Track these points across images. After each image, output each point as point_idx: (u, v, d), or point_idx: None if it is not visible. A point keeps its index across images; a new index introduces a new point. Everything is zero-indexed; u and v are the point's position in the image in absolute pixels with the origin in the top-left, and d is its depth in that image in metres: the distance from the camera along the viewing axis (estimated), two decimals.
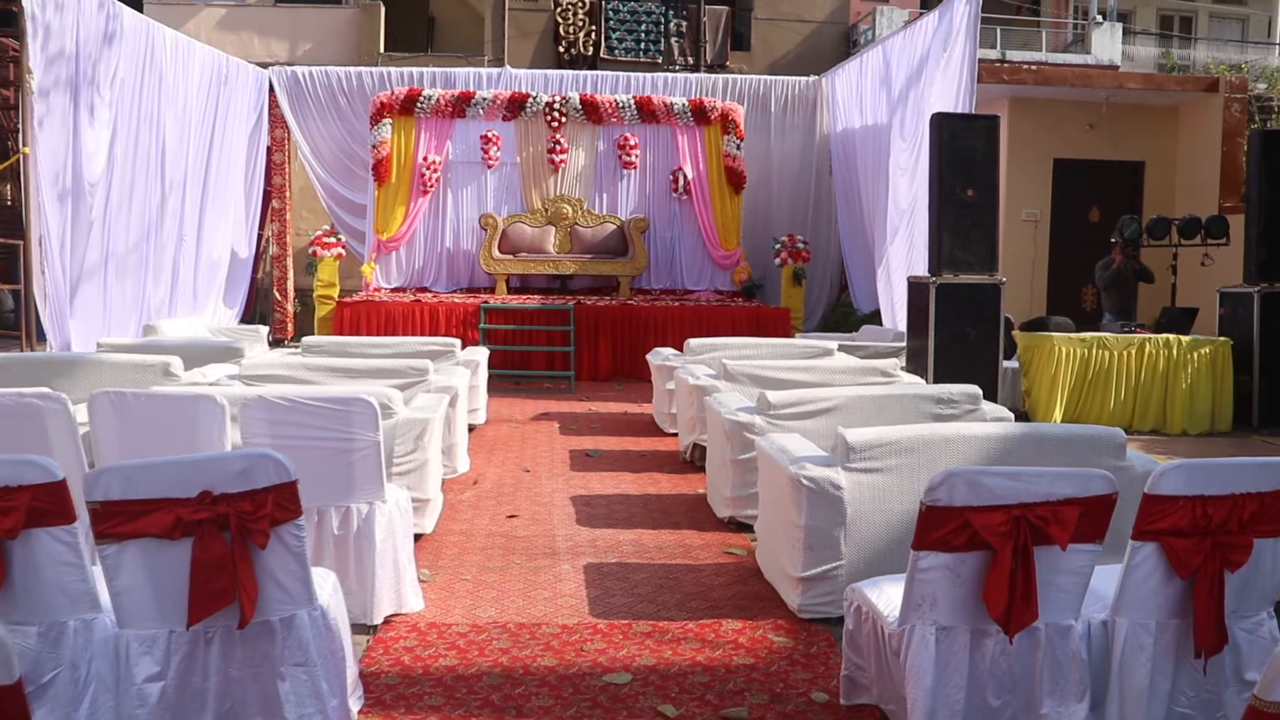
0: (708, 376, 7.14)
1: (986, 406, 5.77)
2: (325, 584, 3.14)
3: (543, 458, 7.61)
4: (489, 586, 4.71)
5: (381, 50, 19.46)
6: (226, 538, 2.73)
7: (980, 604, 2.85)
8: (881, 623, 3.09)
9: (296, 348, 8.35)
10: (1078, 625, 2.98)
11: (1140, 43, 23.49)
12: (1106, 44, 20.87)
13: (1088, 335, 9.39)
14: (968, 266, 9.03)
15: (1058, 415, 9.18)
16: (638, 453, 7.84)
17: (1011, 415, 5.85)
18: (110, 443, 4.01)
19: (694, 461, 7.30)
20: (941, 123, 9.01)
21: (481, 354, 8.82)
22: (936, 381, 8.80)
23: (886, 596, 3.18)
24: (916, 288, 9.34)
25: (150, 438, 4.00)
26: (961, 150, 8.97)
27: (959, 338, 8.99)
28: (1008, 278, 9.19)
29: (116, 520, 2.70)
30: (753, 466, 5.54)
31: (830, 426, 5.51)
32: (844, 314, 14.41)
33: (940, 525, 2.80)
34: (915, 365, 9.21)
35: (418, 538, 5.31)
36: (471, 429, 8.41)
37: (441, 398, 5.91)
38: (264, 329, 10.99)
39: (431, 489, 5.31)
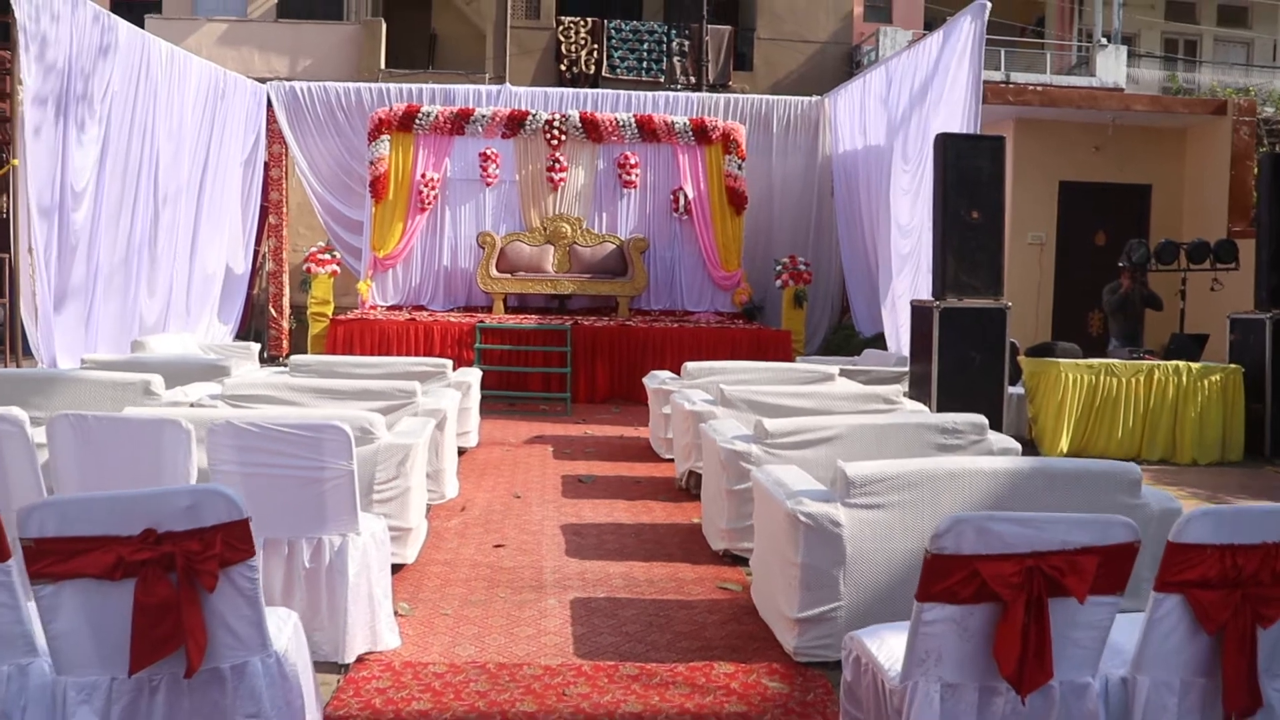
0: (704, 402, 6.93)
1: (993, 437, 5.56)
2: (284, 626, 2.92)
3: (534, 483, 7.39)
4: (470, 622, 4.49)
5: (383, 66, 19.34)
6: (172, 579, 2.51)
7: (990, 660, 2.63)
8: (882, 676, 2.87)
9: (284, 366, 8.14)
10: (1095, 683, 2.75)
11: (1145, 65, 23.35)
12: (1111, 66, 20.73)
13: (1095, 361, 9.18)
14: (972, 290, 8.83)
15: (1064, 443, 8.96)
16: (632, 479, 7.62)
17: (1019, 446, 5.64)
18: (69, 469, 3.80)
19: (690, 489, 7.08)
20: (946, 143, 8.82)
21: (474, 375, 8.61)
22: (940, 407, 8.60)
23: (888, 648, 2.95)
24: (920, 312, 9.13)
25: (112, 464, 3.79)
26: (966, 171, 8.79)
27: (963, 363, 8.78)
28: (1012, 302, 8.99)
29: (52, 559, 2.48)
30: (749, 498, 5.31)
31: (830, 456, 5.30)
32: (845, 337, 14.19)
33: (946, 575, 2.58)
34: (918, 391, 9.00)
35: (399, 568, 5.09)
36: (462, 452, 8.19)
37: (427, 422, 5.70)
38: (256, 346, 10.80)
39: (414, 517, 5.09)
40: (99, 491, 2.65)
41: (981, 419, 5.52)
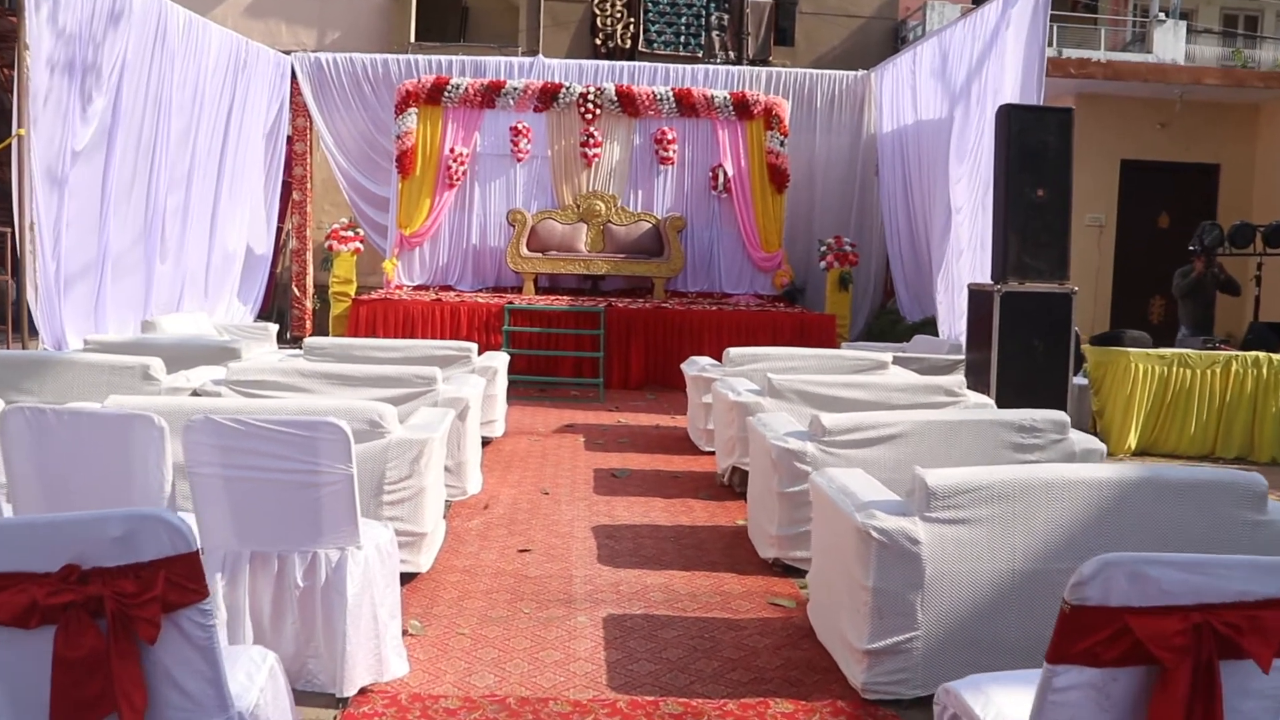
0: (750, 392, 6.36)
1: (1074, 436, 4.97)
2: (256, 674, 2.39)
3: (564, 478, 6.86)
4: (489, 644, 3.96)
5: (413, 39, 18.78)
6: (101, 626, 1.99)
7: None
8: None
9: (298, 349, 7.65)
10: None
11: (1203, 42, 22.41)
12: (1169, 43, 19.85)
13: (1167, 352, 8.53)
14: (1036, 273, 8.17)
15: (1133, 439, 8.34)
16: (670, 474, 7.07)
17: (1103, 447, 5.04)
18: (26, 471, 3.29)
19: (733, 486, 6.51)
20: (1010, 115, 8.16)
21: (501, 360, 8.07)
22: (999, 399, 7.98)
23: (994, 708, 2.39)
24: (978, 296, 8.49)
25: (75, 464, 3.28)
26: (1031, 146, 8.13)
27: (1025, 351, 8.14)
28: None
29: None
30: (803, 501, 4.75)
31: (893, 457, 4.75)
32: (890, 322, 13.55)
33: (1089, 632, 2.02)
34: (975, 380, 8.37)
35: (411, 577, 4.58)
36: (487, 443, 7.68)
37: (446, 413, 5.17)
38: (274, 327, 10.33)
39: (428, 521, 4.56)
40: (11, 516, 2.12)
41: (1062, 416, 4.94)
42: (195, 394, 6.01)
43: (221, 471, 3.26)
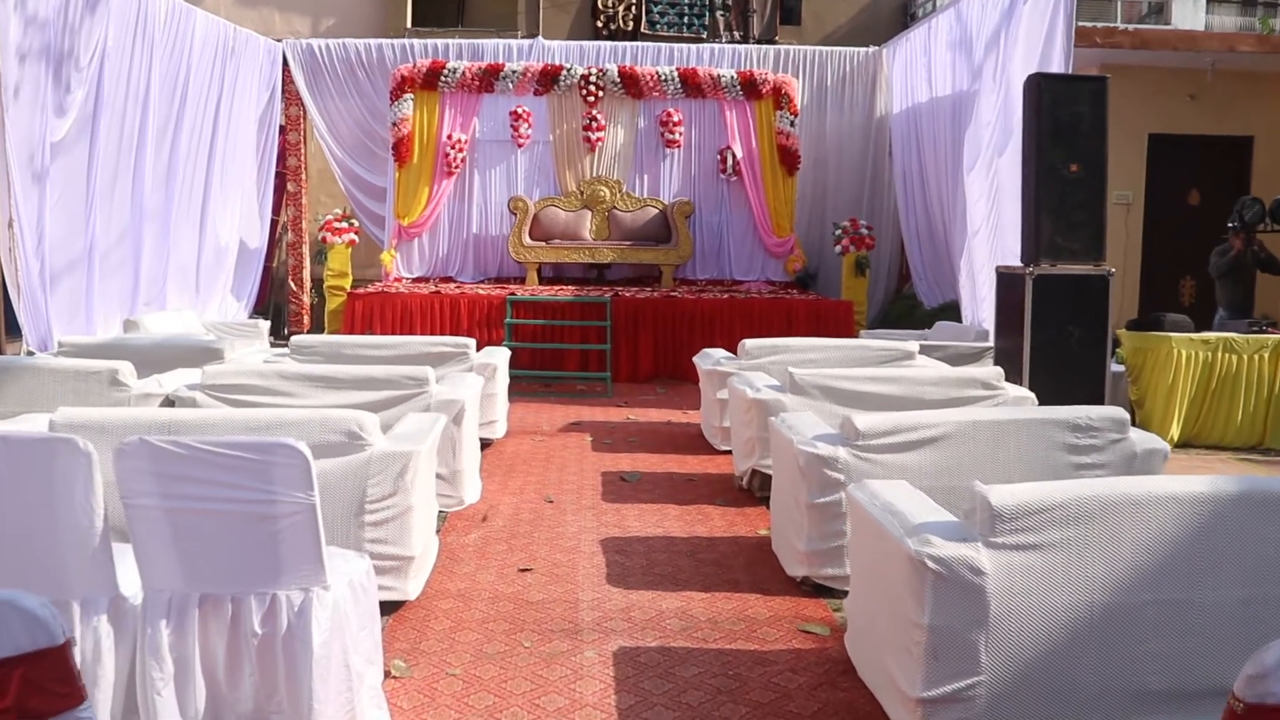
0: (769, 388, 5.86)
1: (1135, 436, 4.47)
2: None
3: (569, 482, 6.37)
4: (483, 687, 3.47)
5: (409, 25, 18.26)
6: None
7: None
8: None
9: (285, 346, 7.17)
10: None
11: (1222, 12, 21.76)
12: (1188, 14, 19.16)
13: (1212, 336, 8.02)
14: (1069, 254, 7.66)
15: (1175, 431, 7.83)
16: (683, 476, 6.57)
17: (1166, 448, 4.54)
18: None
19: (753, 491, 6.02)
20: (1041, 86, 7.63)
21: (501, 355, 7.58)
22: (1034, 389, 7.46)
23: None
24: (1007, 279, 7.97)
25: None
26: (1064, 118, 7.60)
27: (1059, 339, 7.64)
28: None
29: None
30: (836, 513, 4.27)
31: (934, 462, 4.25)
32: (907, 307, 13.02)
33: None
34: (1005, 370, 7.87)
35: (398, 606, 4.09)
36: (487, 445, 7.20)
37: (437, 419, 4.68)
38: (265, 324, 9.88)
39: (416, 543, 4.07)
40: None
41: (1121, 414, 4.44)
42: (168, 401, 5.55)
43: (162, 503, 2.78)
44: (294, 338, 6.97)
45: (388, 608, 4.03)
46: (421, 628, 3.96)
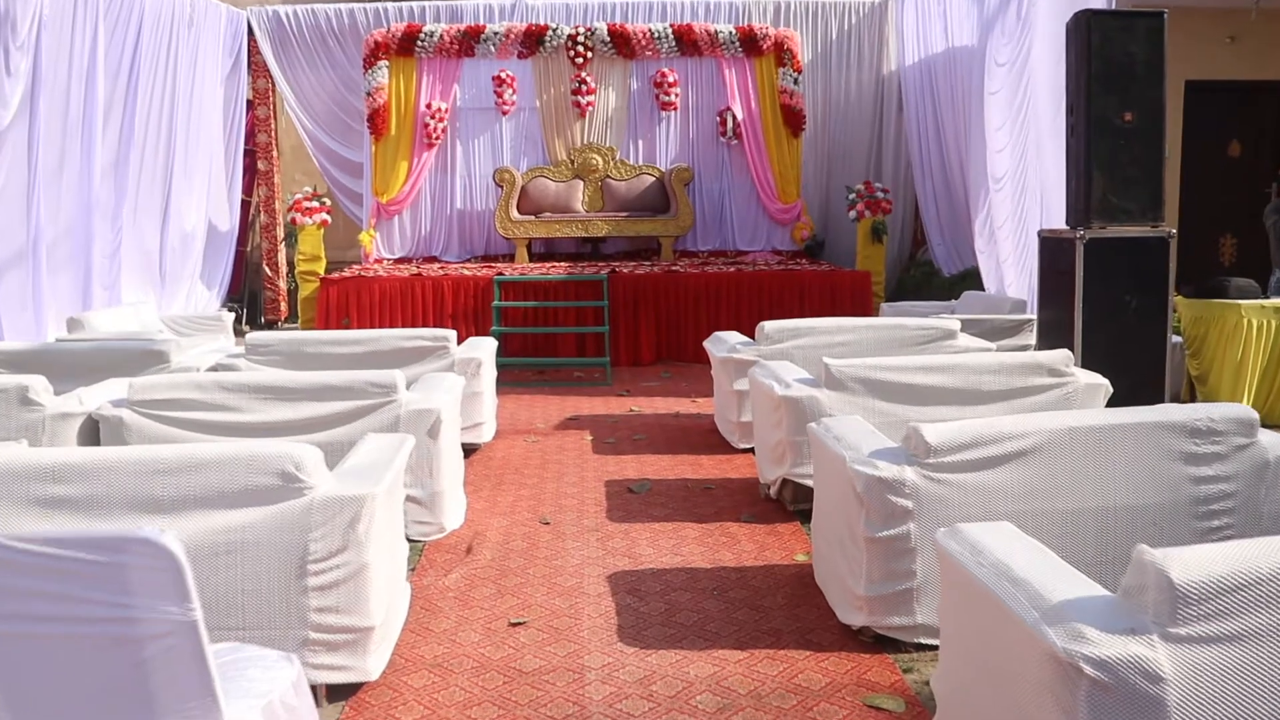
0: (800, 383, 4.99)
1: (1264, 438, 3.62)
2: None
3: (568, 496, 5.51)
4: None
5: None
6: None
7: None
8: None
9: (240, 345, 6.30)
10: None
11: None
12: None
13: None
14: (1125, 215, 6.76)
15: None
16: (699, 484, 5.72)
17: None
18: None
19: (784, 502, 5.17)
20: (1089, 24, 6.70)
21: (487, 348, 6.71)
22: (1087, 367, 6.62)
23: None
24: (1053, 244, 7.08)
25: None
26: (1116, 60, 6.67)
27: (1114, 309, 6.77)
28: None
29: None
30: (904, 549, 3.43)
31: (1022, 481, 3.42)
32: (924, 275, 12.16)
33: None
34: (1047, 344, 7.03)
35: (354, 690, 3.24)
36: (474, 450, 6.34)
37: (403, 442, 3.81)
38: (229, 316, 9.04)
39: (375, 609, 3.22)
40: None
41: (1249, 413, 3.59)
42: (90, 420, 4.69)
43: None
44: (249, 335, 6.12)
45: (343, 691, 3.19)
46: (386, 718, 3.11)
